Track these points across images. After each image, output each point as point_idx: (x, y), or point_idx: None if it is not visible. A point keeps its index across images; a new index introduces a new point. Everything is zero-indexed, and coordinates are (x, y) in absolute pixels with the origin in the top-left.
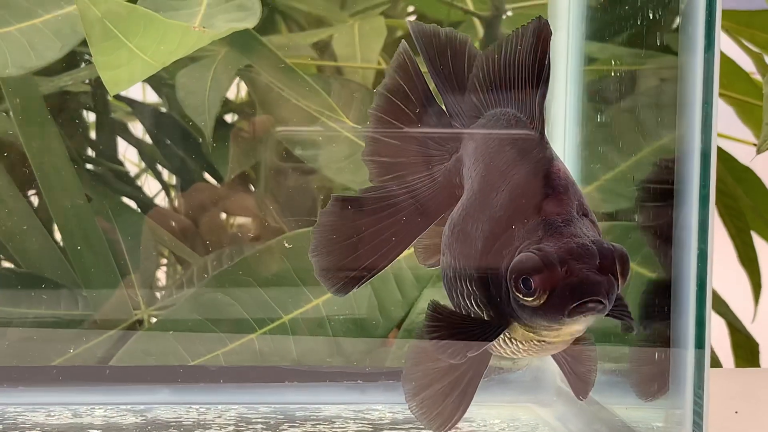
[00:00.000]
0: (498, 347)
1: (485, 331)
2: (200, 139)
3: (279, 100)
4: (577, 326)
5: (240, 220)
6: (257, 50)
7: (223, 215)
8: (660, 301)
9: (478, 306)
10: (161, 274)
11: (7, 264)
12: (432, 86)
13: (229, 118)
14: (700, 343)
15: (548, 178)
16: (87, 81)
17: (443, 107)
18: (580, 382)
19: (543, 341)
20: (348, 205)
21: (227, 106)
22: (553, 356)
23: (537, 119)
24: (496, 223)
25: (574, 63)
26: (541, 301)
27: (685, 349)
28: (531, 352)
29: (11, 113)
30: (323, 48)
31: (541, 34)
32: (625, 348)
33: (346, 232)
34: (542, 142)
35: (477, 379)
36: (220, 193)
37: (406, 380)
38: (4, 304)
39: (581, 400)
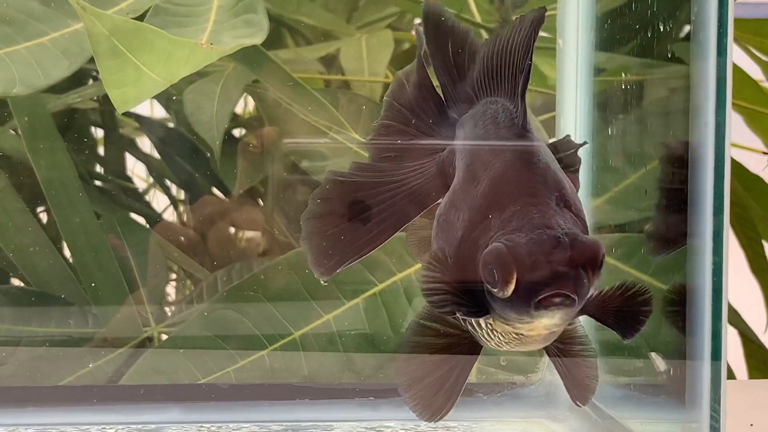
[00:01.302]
0: (483, 338)
1: (468, 313)
2: (208, 154)
3: (287, 115)
4: (548, 320)
5: (249, 234)
6: (265, 65)
7: (232, 229)
8: (675, 312)
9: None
10: (171, 290)
11: (17, 282)
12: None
13: (237, 132)
14: (716, 355)
15: (526, 167)
16: (95, 98)
17: (441, 95)
18: (578, 388)
19: (520, 334)
20: (341, 184)
21: (235, 120)
22: (550, 359)
23: (519, 108)
24: (475, 212)
25: (584, 73)
26: (508, 293)
27: (701, 361)
28: (512, 345)
29: (20, 131)
30: (330, 62)
31: (533, 23)
32: (639, 361)
33: (336, 212)
34: (524, 132)
35: (466, 372)
36: (228, 207)
37: (400, 374)
38: (15, 323)
39: (579, 406)
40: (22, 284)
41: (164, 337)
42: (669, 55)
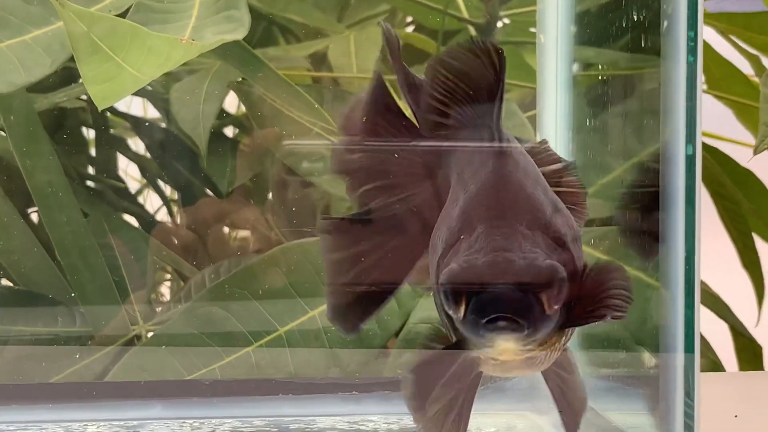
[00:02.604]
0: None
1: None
2: (199, 153)
3: (272, 112)
4: (504, 344)
5: (242, 233)
6: (250, 63)
7: (225, 229)
8: (649, 305)
9: (442, 318)
10: (162, 290)
11: (4, 282)
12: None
13: (229, 132)
14: (689, 347)
15: (498, 189)
16: (83, 97)
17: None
18: (569, 412)
19: (493, 358)
20: (345, 230)
21: (226, 119)
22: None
23: (496, 131)
24: (450, 234)
25: (564, 68)
26: (460, 315)
27: (674, 353)
28: (496, 371)
29: (6, 131)
30: (321, 60)
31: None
32: (621, 354)
33: (349, 262)
34: (502, 154)
35: (471, 399)
36: (221, 207)
37: (411, 399)
38: (2, 322)
39: None
40: (9, 284)
41: (151, 335)
42: (647, 50)
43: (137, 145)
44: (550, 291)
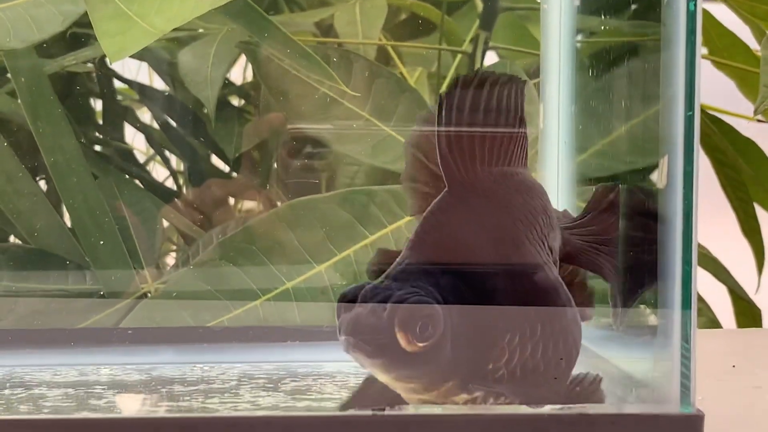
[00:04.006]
0: None
1: None
2: (207, 121)
3: (281, 73)
4: (357, 360)
5: (248, 204)
6: (259, 23)
7: (231, 200)
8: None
9: None
10: (167, 251)
11: (16, 241)
12: None
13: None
14: (686, 303)
15: (438, 227)
16: (90, 62)
17: None
18: None
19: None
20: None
21: (231, 87)
22: None
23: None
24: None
25: (567, 36)
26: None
27: (671, 309)
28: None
29: (18, 93)
30: (327, 31)
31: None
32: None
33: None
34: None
35: None
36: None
37: None
38: (13, 280)
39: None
40: (21, 243)
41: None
42: (648, 16)
43: (144, 113)
44: (404, 328)
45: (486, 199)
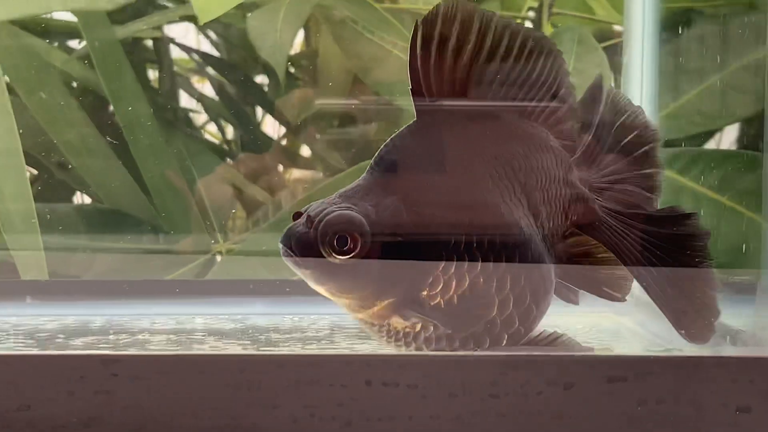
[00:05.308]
0: None
1: None
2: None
3: (353, 34)
4: (298, 272)
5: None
6: None
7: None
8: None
9: None
10: (236, 212)
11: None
12: None
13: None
14: None
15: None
16: (158, 27)
17: None
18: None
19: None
20: None
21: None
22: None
23: None
24: None
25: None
26: None
27: None
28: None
29: (92, 57)
30: None
31: None
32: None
33: None
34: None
35: None
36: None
37: None
38: (90, 239)
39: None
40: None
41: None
42: None
43: (199, 81)
44: (323, 240)
45: (452, 135)
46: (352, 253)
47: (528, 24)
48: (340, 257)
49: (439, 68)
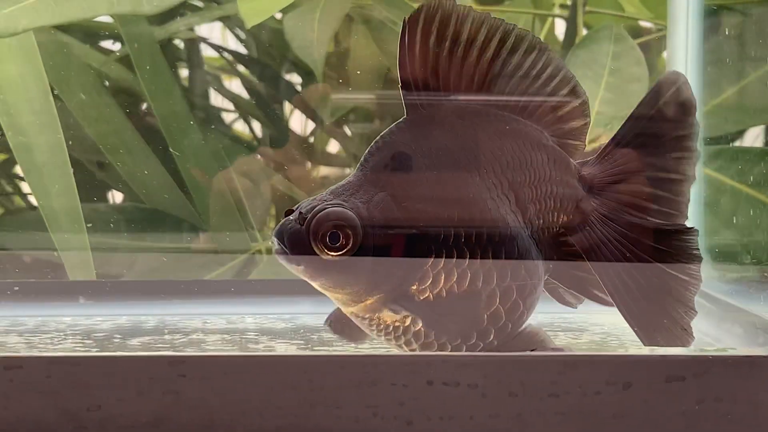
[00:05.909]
0: None
1: None
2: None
3: (391, 35)
4: (288, 269)
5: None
6: None
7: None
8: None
9: None
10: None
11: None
12: None
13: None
14: None
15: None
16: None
17: None
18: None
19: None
20: None
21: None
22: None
23: None
24: None
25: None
26: None
27: None
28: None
29: (131, 58)
30: None
31: None
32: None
33: None
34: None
35: None
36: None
37: None
38: (131, 239)
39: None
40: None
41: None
42: None
43: (229, 80)
44: (314, 236)
45: (441, 131)
46: (344, 249)
47: (561, 23)
48: (332, 253)
49: (425, 64)
